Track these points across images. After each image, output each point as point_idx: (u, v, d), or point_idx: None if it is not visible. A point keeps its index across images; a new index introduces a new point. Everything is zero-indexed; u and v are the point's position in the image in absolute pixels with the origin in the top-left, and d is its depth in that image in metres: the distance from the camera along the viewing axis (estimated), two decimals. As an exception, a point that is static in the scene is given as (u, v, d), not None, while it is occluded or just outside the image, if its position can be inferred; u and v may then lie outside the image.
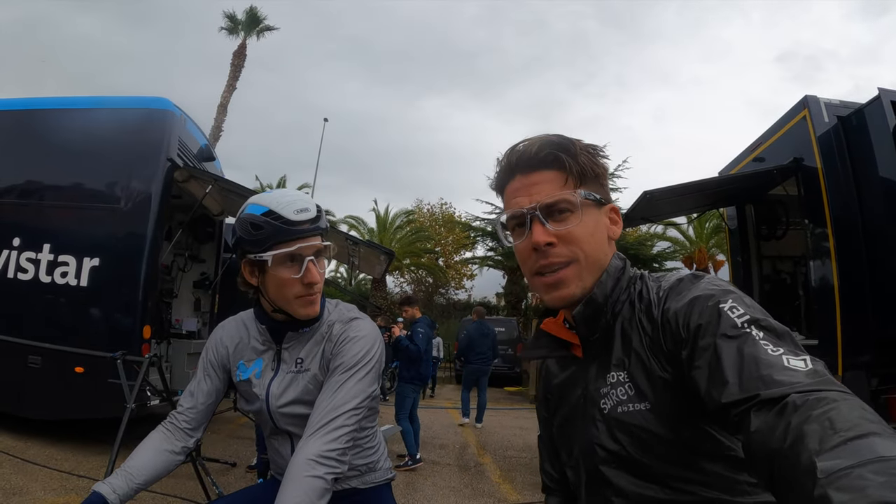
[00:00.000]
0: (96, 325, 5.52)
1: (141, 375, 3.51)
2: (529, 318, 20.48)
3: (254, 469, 5.17)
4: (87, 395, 5.32)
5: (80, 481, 4.44)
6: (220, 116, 22.07)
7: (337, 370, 1.40)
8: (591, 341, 1.03)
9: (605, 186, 1.04)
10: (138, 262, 5.53)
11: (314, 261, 1.39)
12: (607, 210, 1.03)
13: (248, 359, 1.55)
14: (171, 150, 5.86)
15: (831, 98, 5.48)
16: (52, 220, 5.81)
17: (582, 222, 0.97)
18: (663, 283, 0.97)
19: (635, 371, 0.93)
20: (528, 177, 1.00)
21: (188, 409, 1.55)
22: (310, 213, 1.38)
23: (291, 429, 1.50)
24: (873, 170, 4.80)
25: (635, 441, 0.92)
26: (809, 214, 5.39)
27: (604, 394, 0.98)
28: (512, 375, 15.33)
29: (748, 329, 0.78)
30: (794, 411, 0.64)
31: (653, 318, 0.93)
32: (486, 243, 22.87)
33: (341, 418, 1.31)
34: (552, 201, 0.97)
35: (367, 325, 1.51)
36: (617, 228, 1.04)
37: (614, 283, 1.00)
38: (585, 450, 1.02)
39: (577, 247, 0.97)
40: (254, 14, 22.99)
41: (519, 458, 6.80)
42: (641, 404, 0.91)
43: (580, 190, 0.98)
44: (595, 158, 1.02)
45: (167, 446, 1.50)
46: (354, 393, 1.36)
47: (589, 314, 0.99)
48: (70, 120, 6.04)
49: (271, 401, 1.48)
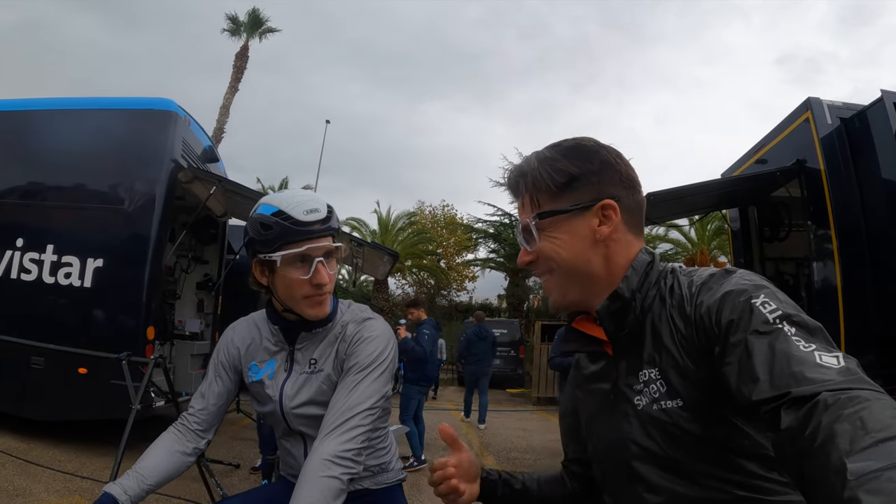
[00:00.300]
0: (100, 326, 5.52)
1: (147, 376, 3.51)
2: (531, 320, 20.44)
3: (258, 470, 5.16)
4: (91, 397, 5.32)
5: (83, 483, 4.44)
6: (222, 118, 22.07)
7: (351, 370, 1.39)
8: (621, 337, 1.01)
9: (597, 185, 1.01)
10: (142, 264, 5.53)
11: (323, 262, 1.38)
12: (596, 210, 1.00)
13: (260, 360, 1.53)
14: (175, 151, 5.87)
15: (834, 100, 5.50)
16: (55, 221, 5.81)
17: (547, 240, 1.02)
18: (695, 279, 0.95)
19: (667, 368, 0.92)
20: (517, 203, 1.09)
21: (199, 411, 1.54)
22: (320, 213, 1.38)
23: (304, 430, 1.49)
24: (876, 171, 4.81)
25: (668, 438, 0.91)
26: (812, 216, 5.40)
27: (637, 390, 0.97)
28: (514, 377, 15.28)
29: (780, 325, 0.77)
30: (824, 410, 0.64)
31: (685, 315, 0.92)
32: (488, 245, 22.88)
33: (357, 418, 1.30)
34: (521, 226, 1.06)
35: (381, 325, 1.50)
36: (606, 228, 1.00)
37: (642, 277, 1.00)
38: (617, 445, 1.01)
39: (549, 261, 1.03)
40: (256, 16, 23.00)
41: (522, 459, 6.80)
42: (674, 401, 0.91)
43: (535, 212, 1.03)
44: (576, 160, 1.01)
45: (178, 447, 1.50)
46: (369, 393, 1.35)
47: (615, 309, 0.99)
48: (74, 121, 6.04)
49: (285, 402, 1.47)
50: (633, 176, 1.04)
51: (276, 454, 4.42)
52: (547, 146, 1.06)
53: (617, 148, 1.05)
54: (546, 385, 12.01)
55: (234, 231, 8.27)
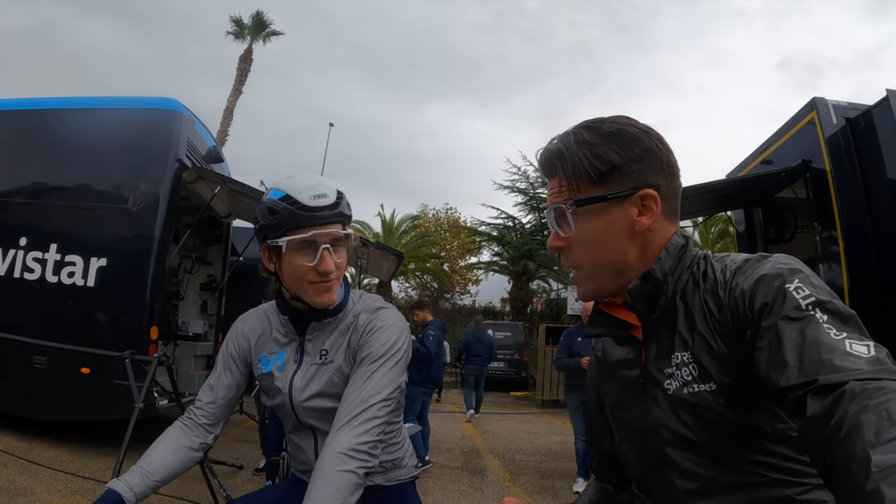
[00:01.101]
0: (103, 325, 5.52)
1: (150, 374, 3.49)
2: (535, 322, 20.41)
3: (261, 472, 5.14)
4: (93, 397, 5.31)
5: (85, 483, 4.42)
6: (225, 121, 22.11)
7: (365, 360, 1.35)
8: (651, 320, 0.99)
9: (636, 172, 0.96)
10: (145, 264, 5.52)
11: (330, 249, 1.34)
12: (636, 199, 0.96)
13: (269, 351, 1.50)
14: (180, 150, 5.86)
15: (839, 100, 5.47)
16: (59, 220, 5.80)
17: (580, 229, 0.98)
18: (728, 263, 0.94)
19: (700, 351, 0.91)
20: (549, 183, 1.04)
21: (207, 404, 1.50)
22: (328, 199, 1.34)
23: (315, 423, 1.45)
24: (882, 171, 4.78)
25: (701, 422, 0.90)
26: (818, 217, 5.37)
27: (668, 374, 0.95)
28: (518, 380, 15.24)
29: (812, 311, 0.76)
30: (851, 399, 0.63)
31: (719, 299, 0.91)
32: (492, 248, 22.86)
33: (372, 410, 1.26)
34: (553, 208, 1.01)
35: (394, 315, 1.46)
36: (646, 219, 0.96)
37: (675, 261, 0.98)
38: (647, 431, 0.99)
39: (579, 254, 1.00)
40: (260, 19, 23.07)
41: (527, 461, 6.75)
42: (706, 385, 0.89)
43: (570, 198, 0.98)
44: (617, 146, 0.96)
45: (185, 442, 1.45)
46: (384, 384, 1.31)
47: (647, 290, 0.97)
48: (78, 120, 6.04)
49: (294, 394, 1.43)
50: (674, 161, 1.01)
51: (279, 455, 4.40)
52: (584, 127, 1.00)
53: (657, 130, 1.02)
54: (551, 388, 11.97)
55: (238, 232, 8.26)
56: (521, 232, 20.88)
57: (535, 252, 19.49)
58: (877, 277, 4.76)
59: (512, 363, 15.32)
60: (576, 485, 5.44)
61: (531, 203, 20.72)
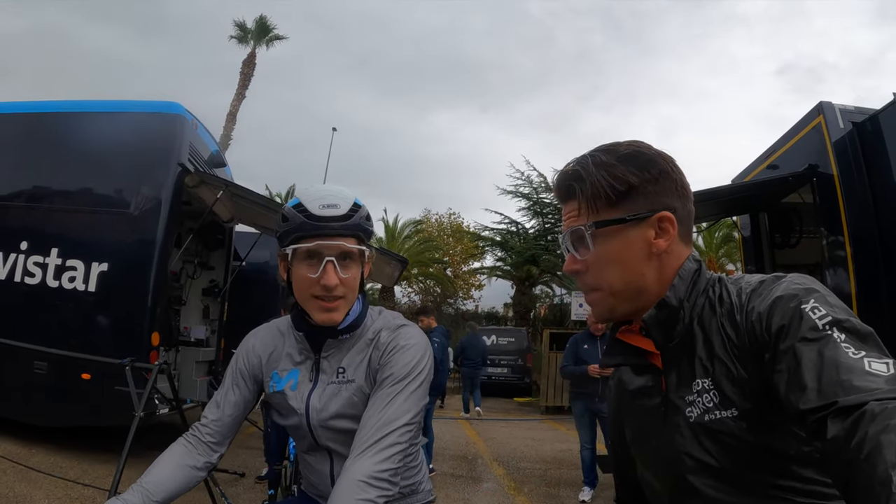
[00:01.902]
0: (104, 331, 5.48)
1: (151, 382, 3.44)
2: (538, 328, 20.34)
3: (263, 479, 5.09)
4: (94, 403, 5.27)
5: (85, 490, 4.36)
6: (229, 125, 22.14)
7: (386, 382, 1.28)
8: (670, 348, 0.98)
9: (653, 194, 0.97)
10: (147, 268, 5.48)
11: (335, 262, 1.27)
12: (653, 222, 0.97)
13: (282, 368, 1.43)
14: (182, 154, 5.83)
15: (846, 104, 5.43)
16: (60, 224, 5.78)
17: (599, 251, 0.98)
18: (743, 286, 0.93)
19: (720, 377, 0.90)
20: (563, 206, 1.05)
21: (213, 422, 1.42)
22: (338, 209, 1.27)
23: (332, 445, 1.38)
24: (889, 176, 4.74)
25: (724, 449, 0.89)
26: (825, 222, 5.33)
27: (689, 402, 0.94)
28: (522, 386, 15.16)
29: (829, 331, 0.75)
30: (871, 420, 0.64)
31: (735, 323, 0.89)
32: (495, 253, 22.79)
33: (393, 435, 1.19)
34: (570, 231, 1.01)
35: (417, 333, 1.39)
36: (663, 241, 0.97)
37: (689, 286, 0.97)
38: (670, 459, 0.97)
39: (598, 276, 0.99)
40: (263, 23, 23.11)
41: (532, 469, 6.69)
42: (728, 411, 0.88)
43: (589, 220, 0.98)
44: (634, 168, 0.97)
45: (189, 461, 1.38)
46: (407, 407, 1.24)
47: (663, 318, 0.96)
48: (80, 124, 6.02)
49: (312, 414, 1.36)
50: (687, 184, 1.01)
51: (282, 464, 4.35)
52: (600, 150, 1.01)
53: (671, 154, 1.03)
54: (555, 394, 11.90)
55: (241, 237, 8.24)
56: (525, 237, 20.80)
57: (538, 257, 19.42)
58: (884, 283, 4.71)
59: (515, 369, 15.23)
60: (582, 493, 5.37)
61: (535, 208, 20.65)
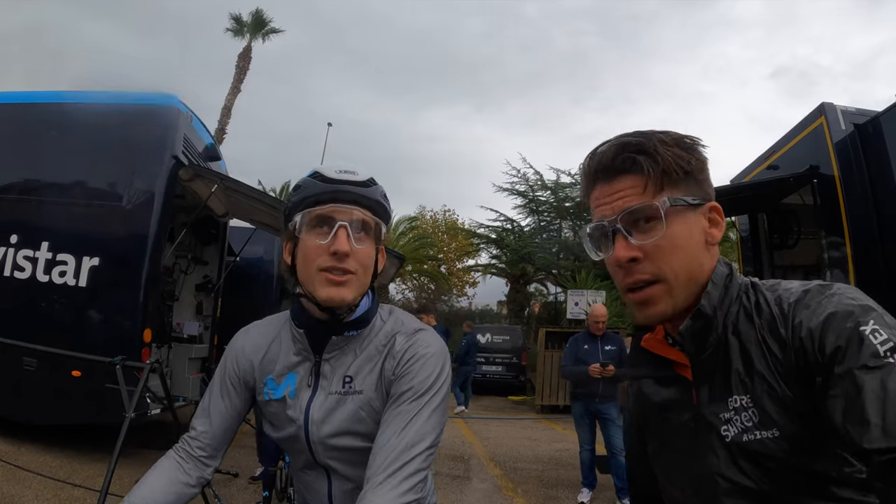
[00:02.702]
0: (95, 327, 5.37)
1: (142, 383, 3.34)
2: (532, 326, 20.32)
3: (258, 480, 5.00)
4: (85, 400, 5.18)
5: (74, 491, 4.25)
6: (224, 119, 21.93)
7: (405, 398, 1.12)
8: (702, 360, 0.91)
9: (703, 182, 0.92)
10: (139, 263, 5.39)
11: (348, 228, 1.12)
12: (706, 210, 0.91)
13: (278, 373, 1.25)
14: (177, 147, 5.72)
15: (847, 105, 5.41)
16: (51, 217, 5.66)
17: (669, 233, 0.87)
18: (784, 294, 0.87)
19: (761, 395, 0.84)
20: (609, 185, 0.92)
21: (202, 434, 1.28)
22: (356, 175, 1.16)
23: (332, 463, 1.22)
24: (890, 178, 4.71)
25: (763, 471, 0.83)
26: (826, 223, 5.31)
27: (725, 419, 0.87)
28: (517, 384, 15.10)
29: (892, 359, 0.70)
30: None
31: (780, 337, 0.83)
32: (490, 250, 22.74)
33: (415, 462, 1.04)
34: (632, 210, 0.89)
35: (436, 340, 1.22)
36: (717, 231, 0.92)
37: (722, 292, 0.90)
38: (702, 479, 0.91)
39: (663, 262, 0.88)
40: (260, 16, 22.91)
41: (529, 469, 6.62)
42: (769, 431, 0.82)
43: (664, 196, 0.88)
44: (686, 152, 0.90)
45: (180, 477, 1.24)
46: (429, 428, 1.09)
47: (698, 329, 0.89)
48: (73, 115, 5.87)
49: (312, 428, 1.20)
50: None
51: (277, 466, 4.26)
52: (649, 131, 0.92)
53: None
54: (550, 393, 11.85)
55: (235, 232, 8.14)
56: (521, 234, 20.76)
57: (533, 255, 19.38)
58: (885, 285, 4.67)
59: (510, 367, 15.15)
60: (580, 495, 5.32)
61: (531, 206, 20.61)
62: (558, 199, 20.03)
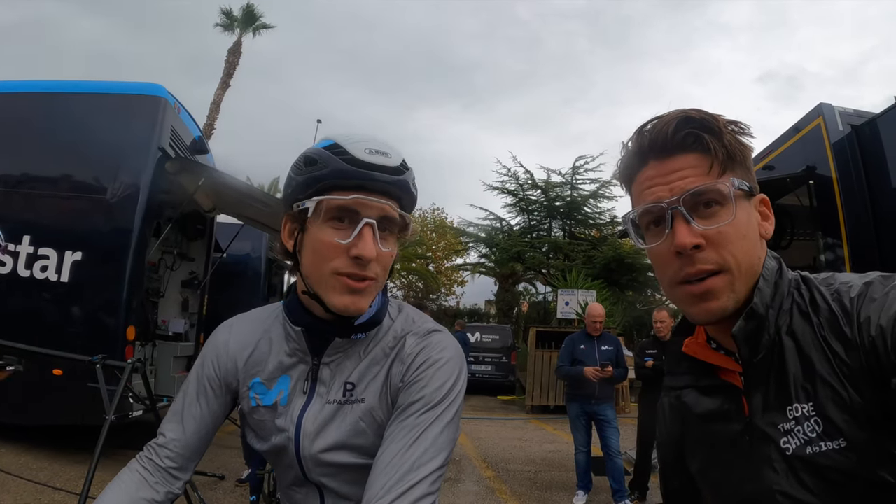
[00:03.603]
0: (77, 323, 5.22)
1: (122, 383, 3.20)
2: (521, 325, 20.28)
3: (244, 483, 4.86)
4: (66, 400, 5.03)
5: (55, 494, 4.12)
6: (212, 114, 21.69)
7: (414, 408, 0.94)
8: (753, 364, 0.82)
9: (746, 171, 0.83)
10: (123, 258, 5.24)
11: (375, 228, 0.93)
12: (757, 202, 0.85)
13: (268, 376, 1.07)
14: (163, 139, 5.59)
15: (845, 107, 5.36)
16: (33, 210, 5.49)
17: (735, 219, 0.79)
18: (843, 289, 0.79)
19: (825, 402, 0.75)
20: (666, 163, 0.82)
21: (172, 441, 1.08)
22: (390, 158, 0.94)
23: (324, 480, 1.04)
24: (887, 179, 4.68)
25: (830, 486, 0.75)
26: (822, 224, 5.27)
27: (785, 430, 0.78)
28: (506, 384, 15.05)
29: None
30: None
31: (844, 336, 0.75)
32: (479, 249, 22.66)
33: (424, 484, 0.86)
34: (699, 191, 0.79)
35: (452, 343, 1.05)
36: (769, 225, 0.85)
37: (773, 289, 0.82)
38: (760, 498, 0.81)
39: (728, 250, 0.79)
40: (250, 11, 22.71)
41: (522, 471, 6.51)
42: (835, 442, 0.74)
43: (731, 178, 0.80)
44: (741, 137, 0.82)
45: (146, 494, 1.04)
46: (441, 444, 0.91)
47: (751, 330, 0.80)
48: (56, 105, 5.73)
49: (303, 441, 1.02)
50: None
51: (265, 469, 4.12)
52: (705, 112, 0.82)
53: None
54: (541, 394, 11.78)
55: (222, 228, 8.00)
56: (510, 233, 20.70)
57: (523, 254, 19.33)
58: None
59: (499, 367, 15.10)
60: (576, 498, 5.23)
61: (521, 205, 20.57)
62: (549, 199, 20.02)
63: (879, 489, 0.73)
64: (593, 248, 18.45)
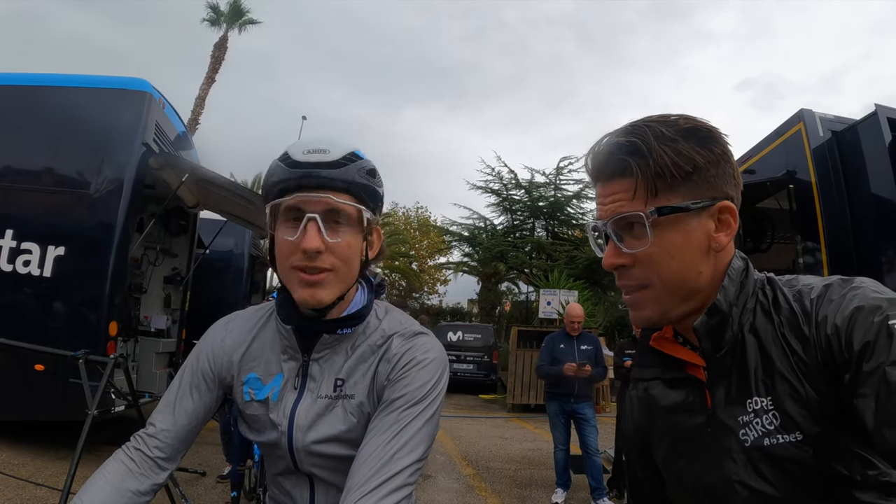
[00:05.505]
0: (59, 319, 5.18)
1: (104, 378, 3.20)
2: (503, 324, 20.37)
3: (225, 479, 4.87)
4: (49, 395, 4.99)
5: (37, 490, 4.09)
6: (197, 109, 21.53)
7: (396, 405, 1.01)
8: (717, 359, 0.87)
9: (715, 179, 0.84)
10: (106, 253, 5.21)
11: (318, 221, 0.99)
12: (714, 212, 0.84)
13: (264, 372, 1.13)
14: (147, 133, 5.56)
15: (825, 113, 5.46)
16: (15, 205, 5.43)
17: (658, 241, 0.83)
18: (804, 290, 0.83)
19: (782, 396, 0.80)
20: (606, 185, 0.88)
21: (163, 431, 1.11)
22: (325, 154, 1.01)
23: (315, 471, 1.11)
24: (866, 185, 4.76)
25: (785, 477, 0.80)
26: (801, 228, 5.35)
27: (743, 422, 0.83)
28: (487, 383, 15.10)
29: None
30: None
31: (802, 335, 0.79)
32: (462, 248, 22.72)
33: (402, 475, 0.94)
34: (620, 217, 0.85)
35: (436, 345, 1.12)
36: (725, 236, 0.85)
37: (738, 287, 0.86)
38: (719, 487, 0.86)
39: (653, 270, 0.85)
40: (237, 6, 22.54)
41: (502, 469, 6.58)
42: (791, 435, 0.79)
43: (658, 202, 0.83)
44: (698, 145, 0.83)
45: (130, 484, 1.06)
46: (419, 439, 0.99)
47: (713, 325, 0.85)
48: (40, 98, 5.68)
49: (296, 434, 1.08)
50: (738, 173, 0.89)
51: (246, 465, 4.14)
52: (655, 120, 0.85)
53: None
54: (522, 392, 11.86)
55: (206, 224, 7.96)
56: (493, 233, 20.77)
57: (506, 253, 19.41)
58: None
59: (481, 366, 15.15)
60: (555, 495, 5.29)
61: (504, 204, 20.63)
62: (532, 199, 20.10)
63: (831, 480, 0.77)
64: (576, 248, 18.53)
